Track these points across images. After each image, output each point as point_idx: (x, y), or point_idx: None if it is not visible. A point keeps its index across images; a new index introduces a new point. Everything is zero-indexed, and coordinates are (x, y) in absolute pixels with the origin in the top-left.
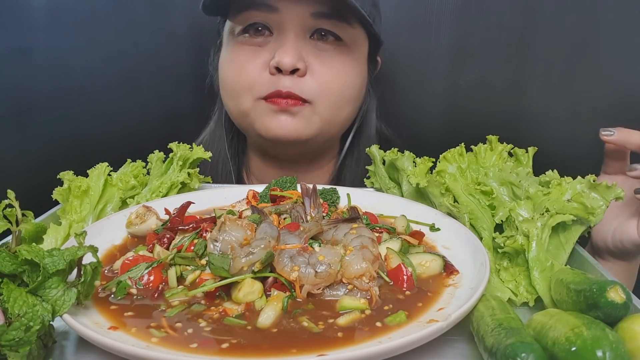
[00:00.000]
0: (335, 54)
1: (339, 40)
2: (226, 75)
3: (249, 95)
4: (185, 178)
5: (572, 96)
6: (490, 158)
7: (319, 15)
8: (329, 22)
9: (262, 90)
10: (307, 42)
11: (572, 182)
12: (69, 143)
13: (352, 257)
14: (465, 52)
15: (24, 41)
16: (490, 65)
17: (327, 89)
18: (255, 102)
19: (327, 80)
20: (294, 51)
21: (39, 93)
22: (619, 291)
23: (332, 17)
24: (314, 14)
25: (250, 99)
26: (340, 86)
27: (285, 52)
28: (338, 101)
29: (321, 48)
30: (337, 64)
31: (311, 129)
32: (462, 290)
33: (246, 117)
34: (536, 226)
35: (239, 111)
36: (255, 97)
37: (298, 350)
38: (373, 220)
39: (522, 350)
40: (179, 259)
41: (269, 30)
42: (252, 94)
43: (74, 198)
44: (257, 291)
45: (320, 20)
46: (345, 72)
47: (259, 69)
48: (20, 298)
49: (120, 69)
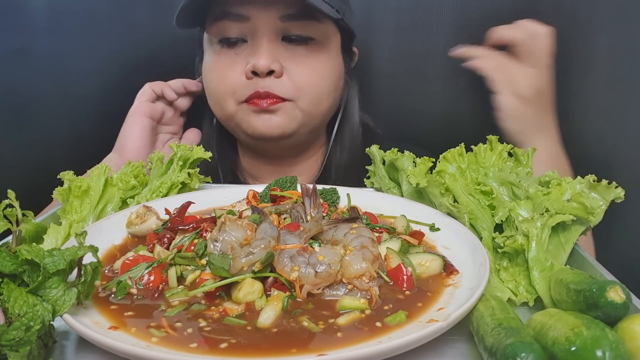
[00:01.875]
0: (308, 52)
1: (310, 39)
2: (209, 82)
3: (232, 100)
4: (186, 178)
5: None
6: (490, 158)
7: (288, 17)
8: (298, 22)
9: (242, 94)
10: (279, 44)
11: (571, 182)
12: (69, 143)
13: (352, 257)
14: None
15: (24, 42)
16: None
17: (304, 87)
18: (238, 106)
19: (303, 79)
20: (267, 54)
21: (39, 93)
22: (619, 291)
23: (300, 18)
24: (282, 17)
25: (233, 104)
26: (316, 82)
27: (260, 56)
28: (317, 96)
29: (294, 49)
30: (311, 62)
31: (294, 123)
32: (462, 290)
33: (232, 120)
34: (536, 226)
35: (224, 115)
36: (237, 102)
37: (298, 350)
38: (373, 220)
39: (522, 350)
40: (179, 259)
41: (243, 39)
42: (234, 98)
43: (74, 198)
44: (257, 291)
45: (290, 22)
46: (320, 68)
47: (237, 75)
48: (20, 298)
49: (120, 70)
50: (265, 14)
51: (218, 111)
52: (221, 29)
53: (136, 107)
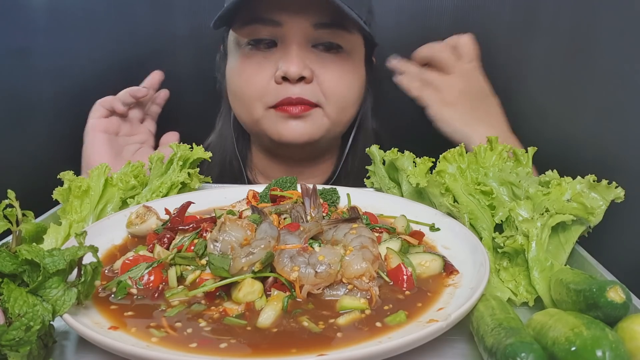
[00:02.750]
0: (336, 61)
1: (339, 48)
2: (236, 86)
3: (259, 104)
4: (186, 178)
5: (571, 96)
6: (490, 158)
7: (320, 25)
8: (329, 31)
9: (271, 100)
10: (310, 51)
11: (571, 182)
12: (69, 143)
13: (352, 257)
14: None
15: (24, 42)
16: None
17: (333, 94)
18: (266, 111)
19: (332, 86)
20: (299, 60)
21: (39, 93)
22: (619, 291)
23: (332, 27)
24: (315, 25)
25: (261, 108)
26: (344, 90)
27: (291, 62)
28: (343, 104)
29: (323, 56)
30: (339, 70)
31: (321, 130)
32: (462, 290)
33: (258, 124)
34: (536, 226)
35: (251, 119)
36: (265, 106)
37: (298, 350)
38: (373, 220)
39: (522, 350)
40: (179, 259)
41: (274, 41)
42: (262, 103)
43: (74, 198)
44: (257, 291)
45: (322, 30)
46: (347, 77)
47: (266, 79)
48: (20, 298)
49: (120, 69)
50: (298, 21)
51: (245, 115)
52: (252, 32)
53: (90, 126)
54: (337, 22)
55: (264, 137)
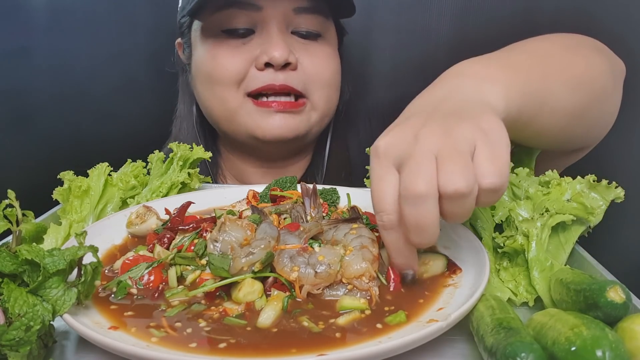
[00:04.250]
0: (318, 46)
1: (318, 36)
2: (208, 72)
3: (237, 90)
4: (186, 178)
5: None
6: None
7: (300, 10)
8: (309, 16)
9: (252, 85)
10: (290, 37)
11: (571, 182)
12: (69, 143)
13: (352, 257)
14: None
15: (24, 42)
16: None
17: (319, 80)
18: (244, 101)
19: (317, 71)
20: (284, 45)
21: (39, 93)
22: (619, 291)
23: (312, 12)
24: (295, 10)
25: (238, 95)
26: (329, 77)
27: (275, 47)
28: (329, 90)
29: (305, 43)
30: (322, 55)
31: (308, 124)
32: (462, 290)
33: (233, 118)
34: (536, 226)
35: (225, 109)
36: (244, 93)
37: (298, 350)
38: (373, 221)
39: (522, 350)
40: (179, 259)
41: (252, 30)
42: (240, 88)
43: (74, 198)
44: (257, 291)
45: (302, 15)
46: (330, 63)
47: (244, 64)
48: (20, 298)
49: (120, 69)
50: (278, 4)
51: (218, 107)
52: (227, 18)
53: None
54: (316, 7)
55: (241, 134)
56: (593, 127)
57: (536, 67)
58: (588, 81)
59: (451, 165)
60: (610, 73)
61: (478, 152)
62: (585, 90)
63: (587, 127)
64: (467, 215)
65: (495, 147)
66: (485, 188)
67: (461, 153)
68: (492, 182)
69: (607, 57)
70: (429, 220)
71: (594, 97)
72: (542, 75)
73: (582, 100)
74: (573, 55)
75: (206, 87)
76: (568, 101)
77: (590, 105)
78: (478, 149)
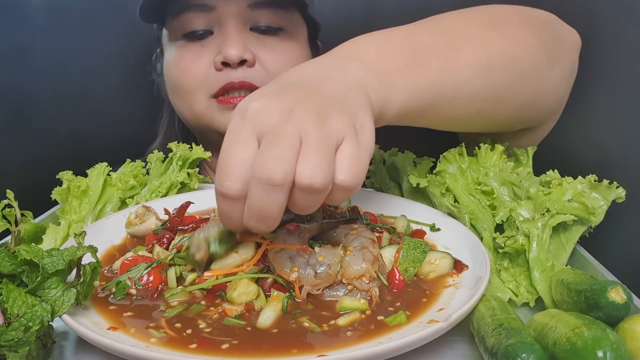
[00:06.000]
0: (278, 41)
1: (279, 30)
2: (173, 78)
3: (201, 94)
4: (185, 178)
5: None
6: (490, 158)
7: (256, 5)
8: (266, 11)
9: (213, 87)
10: (249, 34)
11: (572, 182)
12: (68, 143)
13: (352, 258)
14: None
15: (23, 41)
16: None
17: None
18: (208, 101)
19: (276, 67)
20: (238, 42)
21: (38, 93)
22: (620, 291)
23: (269, 6)
24: (250, 5)
25: (203, 98)
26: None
27: (230, 45)
28: None
29: (264, 39)
30: (283, 50)
31: None
32: (463, 290)
33: (202, 118)
34: (537, 226)
35: (193, 113)
36: (208, 96)
37: (298, 350)
38: (373, 221)
39: (523, 351)
40: (178, 259)
41: (210, 31)
42: (203, 92)
43: (73, 198)
44: (252, 292)
45: (258, 11)
46: (293, 58)
47: (205, 67)
48: (19, 298)
49: (119, 70)
50: (232, 2)
51: (186, 109)
52: (185, 22)
53: None
54: (273, 0)
55: (211, 133)
56: (525, 107)
57: (439, 50)
58: (509, 60)
59: (314, 156)
60: (541, 48)
61: (344, 147)
62: (503, 70)
63: (516, 108)
64: (311, 210)
65: (360, 149)
66: (339, 184)
67: (327, 147)
68: (347, 180)
69: (540, 31)
70: (274, 210)
71: (519, 76)
72: (443, 60)
73: (499, 81)
74: (491, 32)
75: (173, 93)
76: (477, 85)
77: (514, 85)
78: (345, 144)
